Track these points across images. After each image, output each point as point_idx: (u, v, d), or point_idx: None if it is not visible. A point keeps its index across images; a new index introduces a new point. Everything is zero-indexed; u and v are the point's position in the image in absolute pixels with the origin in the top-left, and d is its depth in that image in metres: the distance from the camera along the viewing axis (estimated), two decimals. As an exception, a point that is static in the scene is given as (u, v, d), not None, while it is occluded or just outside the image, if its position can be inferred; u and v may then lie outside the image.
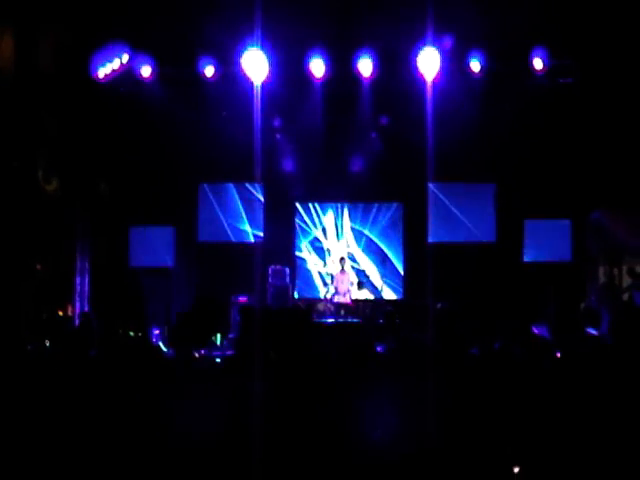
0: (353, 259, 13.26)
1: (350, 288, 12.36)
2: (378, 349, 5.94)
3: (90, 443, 4.31)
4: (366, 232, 13.38)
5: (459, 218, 12.77)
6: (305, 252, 13.43)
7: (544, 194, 12.08)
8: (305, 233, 13.47)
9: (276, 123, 12.57)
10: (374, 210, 13.35)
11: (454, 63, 11.51)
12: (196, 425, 4.31)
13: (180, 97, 11.90)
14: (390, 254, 13.28)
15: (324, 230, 13.43)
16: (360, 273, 13.22)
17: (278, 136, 12.71)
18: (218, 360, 5.44)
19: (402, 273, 13.20)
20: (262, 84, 11.28)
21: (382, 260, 13.28)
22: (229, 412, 4.36)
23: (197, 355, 7.08)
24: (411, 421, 4.31)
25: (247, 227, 13.07)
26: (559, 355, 4.96)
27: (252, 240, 12.95)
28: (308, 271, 13.42)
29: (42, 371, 4.83)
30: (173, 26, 10.83)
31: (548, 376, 4.57)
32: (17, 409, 4.43)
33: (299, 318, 5.16)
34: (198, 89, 11.94)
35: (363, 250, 13.35)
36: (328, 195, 13.22)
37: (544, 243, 12.00)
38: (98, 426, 4.37)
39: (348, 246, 13.33)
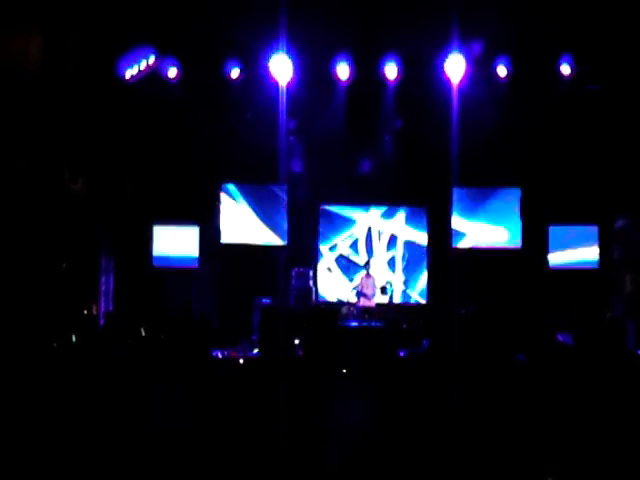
0: (392, 263, 13.18)
1: (375, 292, 12.30)
2: (401, 354, 5.93)
3: (112, 439, 4.34)
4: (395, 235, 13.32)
5: (483, 223, 12.70)
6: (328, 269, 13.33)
7: (570, 199, 12.00)
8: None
9: (299, 125, 12.55)
10: (402, 214, 13.27)
11: (480, 68, 11.47)
12: (217, 424, 4.33)
13: (205, 98, 11.99)
14: (416, 258, 13.20)
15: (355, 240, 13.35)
16: (385, 277, 13.14)
17: (296, 138, 12.65)
18: (241, 361, 5.44)
19: (427, 278, 13.11)
20: (286, 86, 11.32)
21: (407, 265, 13.22)
22: (251, 412, 4.36)
23: (220, 356, 7.09)
24: (435, 426, 4.28)
25: (270, 229, 13.05)
26: (584, 364, 4.91)
27: (275, 242, 12.93)
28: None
29: (67, 368, 4.87)
30: (199, 29, 10.91)
31: (572, 384, 4.54)
32: (42, 405, 4.47)
33: (325, 319, 5.15)
34: (223, 91, 12.01)
35: (389, 254, 13.29)
36: (351, 198, 13.18)
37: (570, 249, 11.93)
38: (120, 423, 4.40)
39: (371, 254, 13.20)
